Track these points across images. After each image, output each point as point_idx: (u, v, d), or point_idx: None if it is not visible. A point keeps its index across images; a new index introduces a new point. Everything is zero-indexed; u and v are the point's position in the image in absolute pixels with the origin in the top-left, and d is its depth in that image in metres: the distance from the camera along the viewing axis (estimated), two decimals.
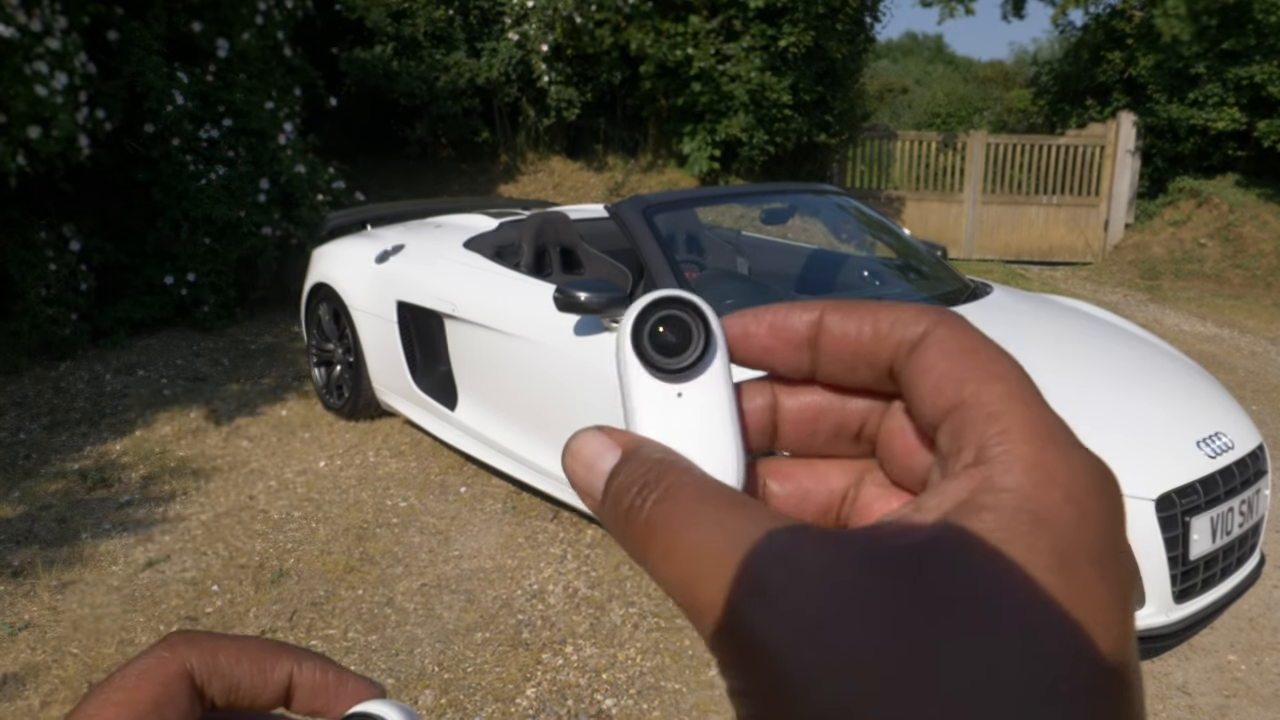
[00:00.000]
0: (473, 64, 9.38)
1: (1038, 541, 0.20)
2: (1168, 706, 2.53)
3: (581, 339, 3.17)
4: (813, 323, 0.27)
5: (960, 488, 0.22)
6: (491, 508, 3.67)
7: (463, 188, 9.80)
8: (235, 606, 2.96)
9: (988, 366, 0.24)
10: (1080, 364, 2.99)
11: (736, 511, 0.22)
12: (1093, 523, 0.21)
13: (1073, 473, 0.22)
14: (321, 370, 4.70)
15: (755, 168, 10.21)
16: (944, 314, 0.25)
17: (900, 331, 0.25)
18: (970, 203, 10.69)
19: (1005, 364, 0.24)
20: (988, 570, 0.20)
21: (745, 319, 0.28)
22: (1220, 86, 9.81)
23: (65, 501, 3.72)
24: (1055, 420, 0.23)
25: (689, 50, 9.30)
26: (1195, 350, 6.39)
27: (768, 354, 0.28)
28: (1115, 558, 0.21)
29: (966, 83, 25.27)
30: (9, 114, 4.60)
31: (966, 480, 0.22)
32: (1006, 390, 0.23)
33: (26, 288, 5.29)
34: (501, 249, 4.09)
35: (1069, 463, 0.22)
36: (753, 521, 0.22)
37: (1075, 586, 0.20)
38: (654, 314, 0.27)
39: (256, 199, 6.24)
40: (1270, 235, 9.69)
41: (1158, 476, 2.43)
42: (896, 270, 4.07)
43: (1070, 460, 0.22)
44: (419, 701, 2.51)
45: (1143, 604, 2.40)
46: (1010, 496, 0.21)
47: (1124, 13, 10.94)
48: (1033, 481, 0.21)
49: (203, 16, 6.12)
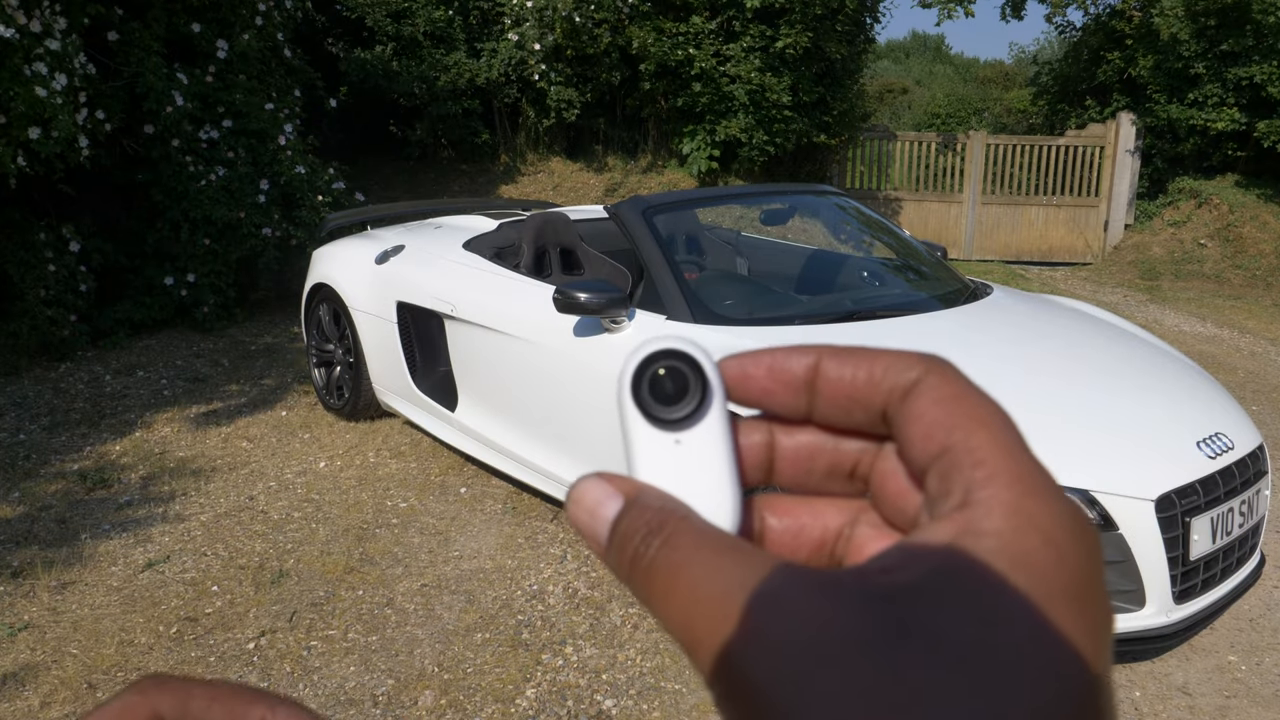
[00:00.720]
0: (472, 64, 9.38)
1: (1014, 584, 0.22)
2: (1168, 707, 2.53)
3: (581, 340, 3.17)
4: (810, 366, 0.28)
5: (945, 530, 0.23)
6: (491, 508, 3.67)
7: (463, 188, 9.80)
8: (235, 607, 2.96)
9: (975, 414, 0.25)
10: (1080, 364, 2.99)
11: (730, 556, 0.24)
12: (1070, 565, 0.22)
13: (1052, 518, 0.23)
14: (321, 371, 4.70)
15: (755, 168, 10.21)
16: (935, 361, 0.26)
17: (894, 377, 0.26)
18: (970, 203, 10.69)
19: (992, 411, 0.25)
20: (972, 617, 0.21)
21: (744, 361, 0.29)
22: (1220, 87, 9.81)
23: (65, 502, 3.71)
24: (1038, 467, 0.24)
25: (690, 50, 9.31)
26: (1195, 350, 6.40)
27: (766, 395, 0.29)
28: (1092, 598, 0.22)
29: (966, 83, 25.29)
30: (9, 115, 4.60)
31: (951, 524, 0.23)
32: (992, 437, 0.24)
33: (26, 289, 5.29)
34: (501, 250, 4.09)
35: (1048, 508, 0.23)
36: (745, 565, 0.23)
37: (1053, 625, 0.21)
38: (652, 365, 0.28)
39: (256, 200, 6.24)
40: (1270, 235, 9.69)
41: (1158, 477, 2.43)
42: (896, 271, 4.07)
43: (1050, 506, 0.23)
44: (419, 702, 2.51)
45: (1143, 605, 2.40)
46: (992, 539, 0.22)
47: (1123, 13, 10.94)
48: (1013, 526, 0.23)
49: (202, 17, 6.12)
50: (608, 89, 10.01)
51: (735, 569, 0.23)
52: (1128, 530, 2.36)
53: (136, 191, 6.16)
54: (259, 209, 6.25)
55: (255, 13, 6.44)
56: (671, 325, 3.04)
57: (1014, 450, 0.24)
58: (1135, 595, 2.39)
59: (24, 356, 5.32)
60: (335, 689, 2.56)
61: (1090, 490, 2.36)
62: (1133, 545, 2.36)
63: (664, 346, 0.28)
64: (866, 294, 3.84)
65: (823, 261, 4.35)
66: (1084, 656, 0.21)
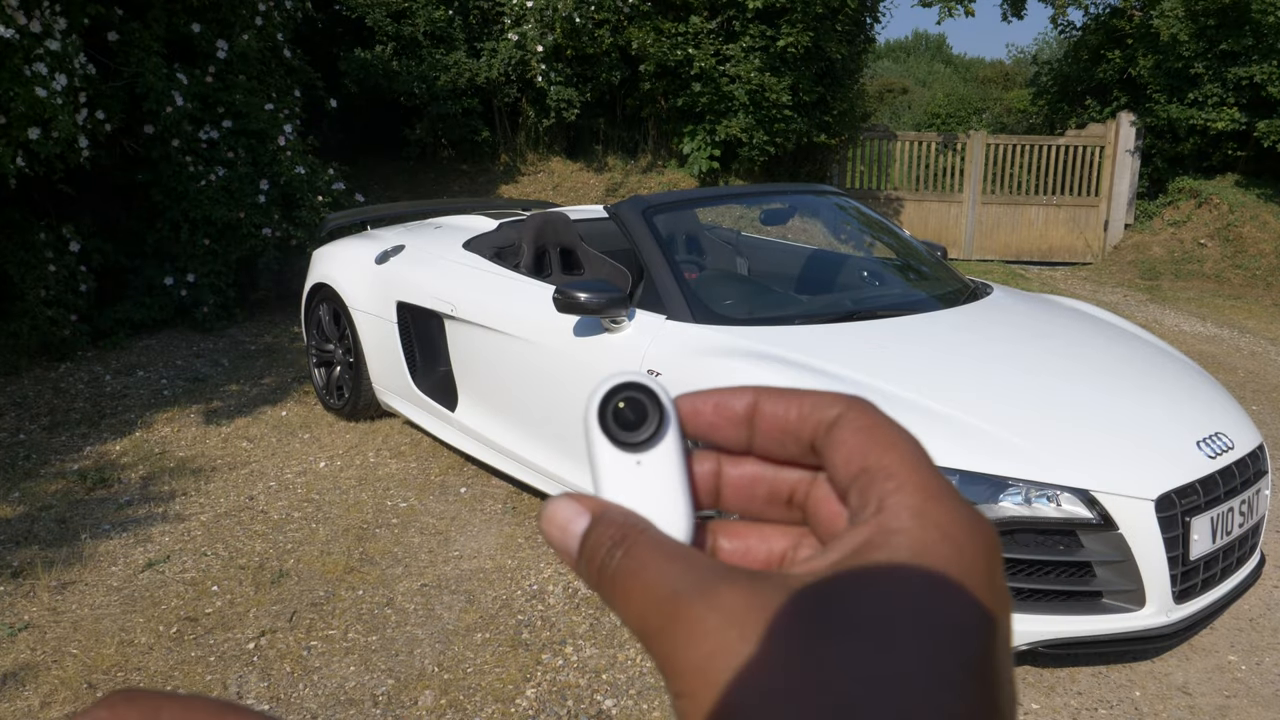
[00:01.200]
0: (472, 64, 9.38)
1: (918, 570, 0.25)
2: (1168, 706, 2.53)
3: (581, 340, 3.17)
4: (750, 404, 0.32)
5: (861, 533, 0.27)
6: (491, 508, 3.67)
7: (463, 188, 9.80)
8: (235, 607, 2.96)
9: (888, 439, 0.29)
10: (1080, 364, 2.99)
11: (680, 562, 0.28)
12: (967, 556, 0.26)
13: (951, 518, 0.27)
14: (321, 371, 4.70)
15: (755, 168, 10.21)
16: (855, 399, 0.31)
17: (819, 413, 0.31)
18: (970, 203, 10.69)
19: (903, 437, 0.30)
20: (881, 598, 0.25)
21: (695, 399, 0.33)
22: (1220, 87, 9.80)
23: (65, 502, 3.72)
24: (941, 480, 0.28)
25: (690, 50, 9.30)
26: (1195, 350, 6.40)
27: (713, 429, 0.33)
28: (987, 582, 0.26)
29: (966, 83, 25.29)
30: (9, 115, 4.60)
31: (865, 528, 0.27)
32: (901, 457, 0.29)
33: (26, 289, 5.29)
34: (501, 250, 4.10)
35: (948, 511, 0.27)
36: (689, 567, 0.27)
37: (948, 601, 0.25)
38: (616, 395, 0.32)
39: (256, 200, 6.24)
40: (1270, 235, 9.69)
41: (1158, 477, 2.43)
42: (896, 271, 4.07)
43: (950, 508, 0.27)
44: (419, 702, 2.51)
45: (1143, 605, 2.40)
46: (900, 536, 0.26)
47: (1124, 12, 10.94)
48: (918, 524, 0.27)
49: (202, 17, 6.12)
50: (608, 89, 10.01)
51: (683, 572, 0.27)
52: (1128, 530, 2.36)
53: (136, 191, 6.16)
54: (259, 209, 6.25)
55: (255, 13, 6.44)
56: (671, 325, 3.04)
57: (920, 466, 0.28)
58: (1135, 595, 2.39)
59: (24, 356, 5.32)
60: (335, 689, 2.56)
61: (1090, 490, 2.36)
62: (1133, 545, 2.36)
63: (625, 380, 0.32)
64: (866, 294, 3.84)
65: (823, 261, 4.35)
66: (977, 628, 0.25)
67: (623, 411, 0.32)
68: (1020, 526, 2.35)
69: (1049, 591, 2.38)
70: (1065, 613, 2.37)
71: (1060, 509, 2.35)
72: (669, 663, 0.26)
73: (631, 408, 0.32)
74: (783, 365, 2.71)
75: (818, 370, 2.70)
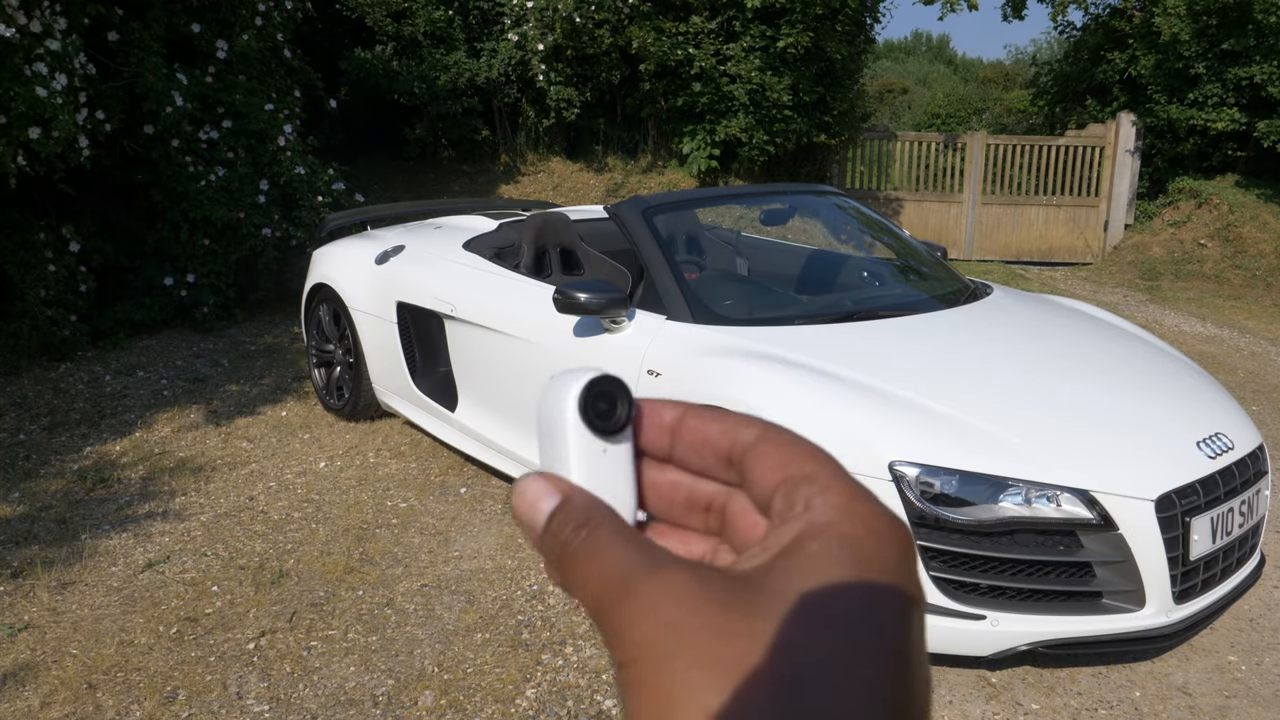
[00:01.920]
0: (472, 64, 9.38)
1: (845, 558, 0.29)
2: (1168, 707, 2.53)
3: (581, 340, 3.17)
4: (677, 416, 0.36)
5: (792, 528, 0.30)
6: (491, 508, 3.67)
7: (463, 188, 9.80)
8: (235, 607, 2.96)
9: (808, 452, 0.32)
10: (1080, 364, 2.99)
11: (632, 545, 0.31)
12: (887, 546, 0.29)
13: (873, 514, 0.30)
14: (321, 371, 4.70)
15: (755, 168, 10.21)
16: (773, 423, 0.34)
17: (740, 430, 0.34)
18: (970, 203, 10.69)
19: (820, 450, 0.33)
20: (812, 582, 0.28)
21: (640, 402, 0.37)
22: (1220, 87, 9.80)
23: (65, 502, 3.72)
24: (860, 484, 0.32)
25: (690, 50, 9.30)
26: (1195, 350, 6.40)
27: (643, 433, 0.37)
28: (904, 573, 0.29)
29: (966, 83, 25.30)
30: (9, 115, 4.60)
31: (796, 523, 0.30)
32: (822, 465, 0.32)
33: (26, 289, 5.29)
34: (501, 250, 4.10)
35: (871, 509, 0.31)
36: (643, 553, 0.30)
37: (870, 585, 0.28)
38: (596, 387, 0.35)
39: (256, 200, 6.24)
40: (1270, 235, 9.69)
41: (1158, 477, 2.43)
42: (896, 271, 4.07)
43: (872, 507, 0.31)
44: (419, 702, 2.51)
45: (1143, 605, 2.40)
46: (829, 529, 0.29)
47: (1124, 12, 10.94)
48: (845, 520, 0.30)
49: (202, 17, 6.12)
50: (608, 89, 10.01)
51: (636, 555, 0.30)
52: (1128, 530, 2.36)
53: (136, 192, 6.16)
54: (259, 209, 6.25)
55: (255, 13, 6.44)
56: (671, 325, 3.04)
57: (840, 473, 0.32)
58: (1135, 595, 2.39)
59: (24, 356, 5.32)
60: (335, 689, 2.56)
61: (1090, 490, 2.36)
62: (1133, 545, 2.36)
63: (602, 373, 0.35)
64: (866, 294, 3.84)
65: (823, 261, 4.35)
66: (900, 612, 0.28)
67: (598, 401, 0.35)
68: (1020, 527, 2.35)
69: (1049, 592, 2.38)
70: (1065, 613, 2.37)
71: (1060, 509, 2.35)
72: (619, 636, 0.29)
73: (604, 399, 0.35)
74: (783, 365, 2.71)
75: (818, 370, 2.70)
